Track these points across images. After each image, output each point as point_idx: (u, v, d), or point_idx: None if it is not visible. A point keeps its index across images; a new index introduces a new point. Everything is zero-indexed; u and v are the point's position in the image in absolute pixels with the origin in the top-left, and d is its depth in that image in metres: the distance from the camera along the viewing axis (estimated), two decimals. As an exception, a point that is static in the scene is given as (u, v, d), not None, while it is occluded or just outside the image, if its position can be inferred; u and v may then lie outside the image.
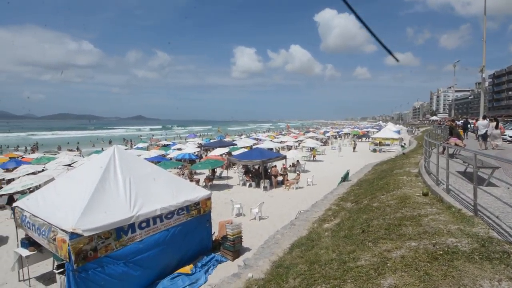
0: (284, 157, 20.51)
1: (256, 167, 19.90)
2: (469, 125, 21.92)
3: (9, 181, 15.94)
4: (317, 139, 44.38)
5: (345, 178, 13.32)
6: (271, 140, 39.38)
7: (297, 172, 20.29)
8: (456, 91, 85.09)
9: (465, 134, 18.98)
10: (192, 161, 24.01)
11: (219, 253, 8.70)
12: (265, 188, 17.23)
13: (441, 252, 3.86)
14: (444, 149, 8.57)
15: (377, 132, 48.58)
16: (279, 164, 20.73)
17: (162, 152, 27.66)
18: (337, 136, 59.91)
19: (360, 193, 9.15)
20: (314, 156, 29.35)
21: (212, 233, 9.22)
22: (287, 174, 18.82)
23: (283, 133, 69.44)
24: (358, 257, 4.44)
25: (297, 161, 23.63)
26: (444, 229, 4.53)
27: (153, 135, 74.06)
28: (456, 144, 9.95)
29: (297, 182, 17.41)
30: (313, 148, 30.66)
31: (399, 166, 12.50)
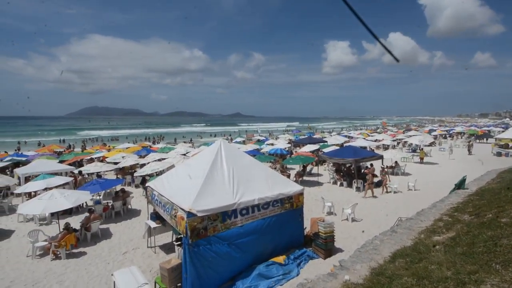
0: (381, 157, 18.92)
1: (348, 165, 19.03)
2: None
3: (142, 165, 19.76)
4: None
5: (460, 185, 11.40)
6: (365, 138, 36.76)
7: (393, 173, 18.44)
8: None
9: None
10: (283, 156, 24.66)
11: (310, 249, 8.79)
12: (358, 188, 16.35)
13: None
14: None
15: (503, 131, 39.55)
16: (377, 164, 19.17)
17: (257, 146, 29.40)
18: (447, 136, 51.51)
19: (481, 204, 7.73)
20: (422, 159, 25.84)
21: (304, 228, 9.37)
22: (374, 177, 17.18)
23: (378, 130, 63.95)
24: (482, 279, 3.83)
25: (396, 162, 21.46)
26: None
27: (246, 131, 79.29)
28: None
29: (385, 186, 15.82)
30: (421, 148, 27.04)
31: (540, 177, 9.95)
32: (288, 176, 18.27)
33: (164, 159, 20.20)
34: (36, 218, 12.24)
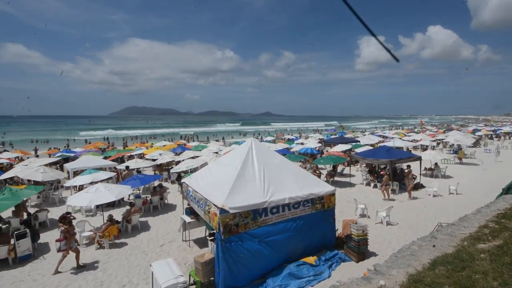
0: (419, 158, 17.93)
1: (382, 166, 18.29)
2: None
3: (178, 162, 20.59)
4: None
5: (508, 189, 10.51)
6: (401, 138, 35.00)
7: (432, 175, 17.38)
8: None
9: None
10: (313, 156, 24.34)
11: (342, 251, 8.64)
12: (393, 191, 15.67)
13: None
14: None
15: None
16: (414, 166, 18.18)
17: (287, 145, 29.31)
18: (493, 136, 47.39)
19: (534, 212, 7.09)
20: (460, 159, 24.32)
21: (335, 229, 9.21)
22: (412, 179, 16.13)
23: (415, 130, 60.51)
24: (534, 293, 3.55)
25: (435, 164, 20.23)
26: None
27: (276, 130, 79.33)
28: None
29: (409, 191, 14.86)
30: (460, 148, 25.33)
31: None
32: (319, 176, 18.03)
33: (198, 156, 20.92)
34: (83, 209, 13.32)
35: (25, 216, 11.90)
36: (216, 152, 23.63)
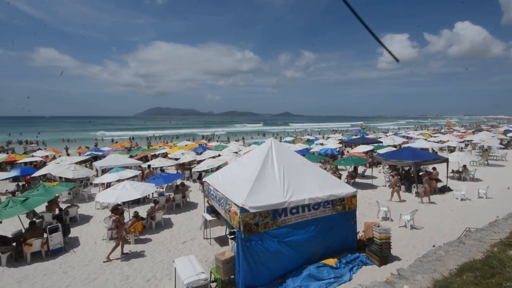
0: (445, 160, 17.20)
1: (406, 168, 17.71)
2: None
3: (199, 162, 21.00)
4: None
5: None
6: (426, 139, 33.70)
7: (460, 178, 16.59)
8: None
9: None
10: (333, 157, 24.00)
11: (363, 254, 8.48)
12: (417, 193, 15.15)
13: None
14: None
15: None
16: (441, 168, 17.48)
17: (306, 146, 29.10)
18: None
19: None
20: (486, 160, 23.23)
21: (357, 232, 9.06)
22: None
23: (442, 131, 57.98)
24: None
25: (464, 166, 19.31)
26: None
27: (295, 130, 78.83)
28: None
29: (425, 195, 14.17)
30: (485, 149, 24.18)
31: None
32: (339, 177, 17.74)
33: (218, 156, 21.29)
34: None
35: (57, 211, 12.64)
36: (236, 152, 23.90)
